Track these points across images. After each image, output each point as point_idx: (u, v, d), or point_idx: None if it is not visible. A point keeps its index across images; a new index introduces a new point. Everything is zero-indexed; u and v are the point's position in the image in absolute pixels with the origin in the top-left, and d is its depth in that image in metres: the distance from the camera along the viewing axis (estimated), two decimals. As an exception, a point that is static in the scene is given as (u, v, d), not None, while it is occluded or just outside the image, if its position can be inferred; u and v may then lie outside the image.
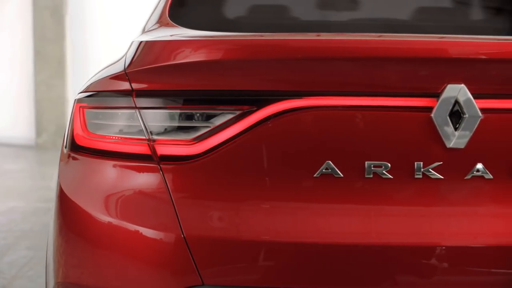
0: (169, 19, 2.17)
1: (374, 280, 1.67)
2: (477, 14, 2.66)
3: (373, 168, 1.67)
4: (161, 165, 1.72)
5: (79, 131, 1.81)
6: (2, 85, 9.98)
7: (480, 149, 1.68)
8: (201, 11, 2.37)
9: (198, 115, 1.71)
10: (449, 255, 1.66)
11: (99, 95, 1.80)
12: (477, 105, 1.65)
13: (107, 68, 1.93)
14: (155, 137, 1.72)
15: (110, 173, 1.78)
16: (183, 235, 1.67)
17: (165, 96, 1.71)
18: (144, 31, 2.20)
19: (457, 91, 1.65)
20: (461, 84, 1.65)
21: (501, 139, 1.69)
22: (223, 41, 1.83)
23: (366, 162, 1.67)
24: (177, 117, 1.72)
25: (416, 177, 1.67)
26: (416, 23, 2.45)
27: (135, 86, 1.73)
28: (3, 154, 8.92)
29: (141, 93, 1.72)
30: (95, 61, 8.99)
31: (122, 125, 1.76)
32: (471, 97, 1.65)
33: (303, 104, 1.66)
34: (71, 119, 1.86)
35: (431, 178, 1.68)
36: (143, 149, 1.73)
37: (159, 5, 2.35)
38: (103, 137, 1.78)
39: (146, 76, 1.74)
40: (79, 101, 1.83)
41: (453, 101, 1.65)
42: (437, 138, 1.66)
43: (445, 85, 1.65)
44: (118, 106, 1.75)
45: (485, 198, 1.70)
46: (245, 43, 1.80)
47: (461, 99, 1.65)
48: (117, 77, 1.77)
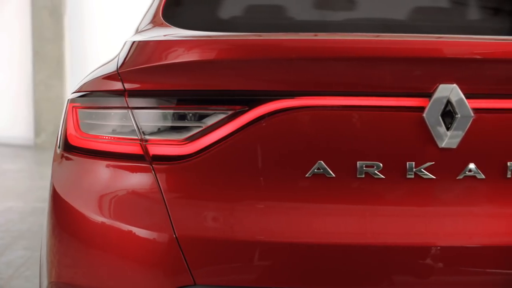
0: (162, 19, 2.17)
1: (364, 280, 1.67)
2: (473, 14, 2.65)
3: (365, 168, 1.67)
4: (153, 165, 1.72)
5: (72, 131, 1.81)
6: (0, 85, 9.99)
7: (472, 149, 1.68)
8: (195, 11, 2.37)
9: (190, 115, 1.71)
10: (442, 255, 1.66)
11: (91, 95, 1.80)
12: (469, 105, 1.65)
13: (100, 68, 1.93)
14: (147, 137, 1.72)
15: (102, 173, 1.78)
16: (175, 235, 1.67)
17: (158, 96, 1.71)
18: (137, 31, 2.20)
19: (449, 91, 1.65)
20: (453, 84, 1.64)
21: (493, 139, 1.69)
22: (215, 41, 1.83)
23: (358, 162, 1.67)
24: (169, 117, 1.72)
25: (408, 177, 1.67)
26: (412, 23, 2.45)
27: (128, 86, 1.73)
28: (1, 154, 8.92)
29: (133, 93, 1.72)
30: (94, 61, 8.98)
31: (114, 125, 1.76)
32: (463, 97, 1.65)
33: (295, 104, 1.66)
34: (64, 119, 1.86)
35: (423, 178, 1.67)
36: (136, 149, 1.73)
37: (153, 5, 2.34)
38: (96, 137, 1.78)
39: (138, 76, 1.74)
40: (72, 101, 1.83)
41: (445, 101, 1.65)
42: (429, 138, 1.66)
43: (437, 85, 1.65)
44: (110, 106, 1.75)
45: (477, 198, 1.70)
46: (237, 43, 1.79)
47: (453, 99, 1.65)
48: (109, 77, 1.77)
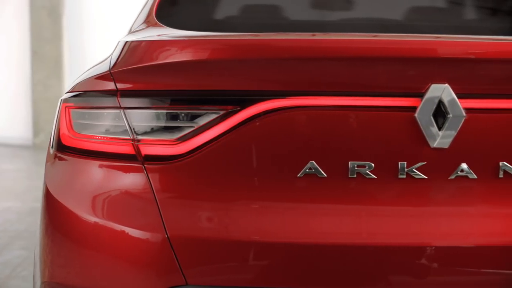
0: (156, 19, 2.17)
1: (355, 279, 1.67)
2: (470, 13, 2.65)
3: (356, 168, 1.67)
4: (145, 165, 1.72)
5: (65, 131, 1.81)
6: (-1, 85, 9.99)
7: (464, 149, 1.67)
8: (189, 11, 2.37)
9: (182, 115, 1.70)
10: (434, 255, 1.66)
11: (84, 95, 1.80)
12: (461, 104, 1.65)
13: (93, 68, 1.94)
14: (139, 137, 1.72)
15: (95, 173, 1.78)
16: (167, 235, 1.67)
17: (150, 96, 1.71)
18: (130, 31, 2.19)
19: (441, 91, 1.64)
20: (445, 84, 1.64)
21: (485, 139, 1.68)
22: (207, 41, 1.83)
23: (350, 162, 1.67)
24: (161, 117, 1.71)
25: (400, 177, 1.67)
26: (409, 23, 2.44)
27: (120, 86, 1.73)
28: (0, 154, 8.92)
29: (125, 93, 1.72)
30: (92, 61, 8.88)
31: (107, 125, 1.76)
32: (455, 97, 1.64)
33: (287, 104, 1.66)
34: (57, 119, 1.86)
35: (415, 178, 1.67)
36: (128, 149, 1.73)
37: (146, 5, 2.34)
38: (89, 137, 1.78)
39: (130, 76, 1.74)
40: (65, 101, 1.83)
41: (437, 101, 1.64)
42: (421, 138, 1.66)
43: (429, 84, 1.64)
44: (103, 106, 1.75)
45: (469, 198, 1.69)
46: (229, 43, 1.79)
47: (445, 99, 1.64)
48: (102, 77, 1.77)
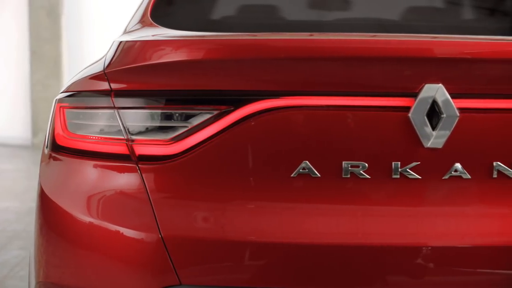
0: (150, 19, 2.17)
1: (348, 279, 1.67)
2: (467, 13, 2.65)
3: (350, 168, 1.67)
4: (139, 165, 1.72)
5: (59, 131, 1.82)
6: (-2, 85, 9.99)
7: (458, 149, 1.67)
8: (183, 11, 2.37)
9: (176, 115, 1.70)
10: (426, 255, 1.66)
11: (79, 95, 1.80)
12: (455, 104, 1.65)
13: (88, 68, 1.94)
14: (133, 137, 1.72)
15: (89, 173, 1.78)
16: (161, 235, 1.67)
17: (144, 96, 1.71)
18: (125, 31, 2.19)
19: (435, 91, 1.64)
20: (439, 83, 1.64)
21: (479, 139, 1.68)
22: (201, 41, 1.83)
23: (343, 162, 1.67)
24: (155, 117, 1.71)
25: (393, 177, 1.67)
26: (405, 23, 2.44)
27: (114, 86, 1.73)
28: (-1, 154, 8.92)
29: (119, 93, 1.72)
30: (91, 61, 8.96)
31: (101, 125, 1.76)
32: (449, 96, 1.64)
33: (280, 104, 1.66)
34: (52, 119, 1.86)
35: (408, 178, 1.67)
36: (122, 149, 1.73)
37: (141, 5, 2.34)
38: (83, 137, 1.78)
39: (124, 76, 1.74)
40: (59, 101, 1.84)
41: (430, 101, 1.64)
42: (415, 138, 1.66)
43: (423, 84, 1.64)
44: (97, 106, 1.76)
45: (463, 198, 1.69)
46: (223, 43, 1.79)
47: (439, 99, 1.64)
48: (96, 77, 1.77)
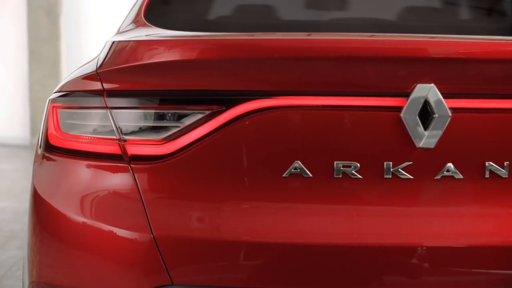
0: (144, 19, 2.17)
1: (339, 279, 1.67)
2: (464, 13, 2.65)
3: (342, 168, 1.67)
4: (131, 165, 1.72)
5: (52, 131, 1.82)
6: (-3, 85, 9.98)
7: (450, 149, 1.67)
8: (177, 12, 2.37)
9: (168, 115, 1.71)
10: (418, 255, 1.66)
11: (71, 95, 1.80)
12: (447, 104, 1.65)
13: (81, 68, 1.94)
14: (125, 137, 1.72)
15: (82, 173, 1.78)
16: (153, 235, 1.67)
17: (136, 96, 1.71)
18: (119, 32, 2.20)
19: (427, 91, 1.64)
20: (431, 83, 1.64)
21: (471, 139, 1.68)
22: (193, 41, 1.83)
23: (335, 162, 1.67)
24: (147, 117, 1.71)
25: (385, 177, 1.67)
26: (401, 23, 2.44)
27: (106, 86, 1.73)
28: (-2, 154, 8.92)
29: (112, 93, 1.73)
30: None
31: (94, 125, 1.76)
32: (441, 96, 1.64)
33: (272, 103, 1.66)
34: (45, 119, 1.86)
35: (400, 178, 1.67)
36: (114, 149, 1.73)
37: (135, 6, 2.34)
38: (76, 137, 1.78)
39: (117, 76, 1.74)
40: (52, 101, 1.84)
41: (422, 101, 1.64)
42: (406, 138, 1.66)
43: (415, 84, 1.64)
44: (89, 106, 1.76)
45: (455, 198, 1.69)
46: (215, 43, 1.79)
47: (431, 99, 1.64)
48: (89, 77, 1.78)
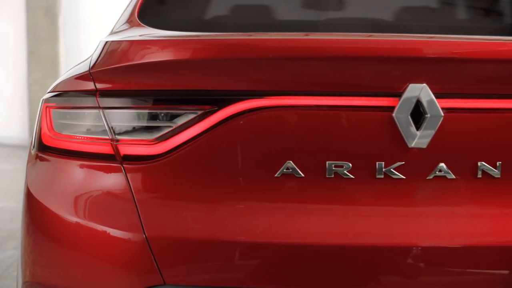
0: (138, 19, 2.17)
1: (331, 279, 1.67)
2: (459, 13, 2.65)
3: (334, 168, 1.67)
4: (124, 165, 1.72)
5: (46, 130, 1.82)
6: (-4, 85, 9.99)
7: (442, 149, 1.67)
8: (171, 12, 2.37)
9: (161, 115, 1.71)
10: (410, 255, 1.66)
11: (64, 95, 1.80)
12: (440, 104, 1.65)
13: (74, 68, 1.94)
14: (118, 137, 1.73)
15: (75, 173, 1.78)
16: (145, 235, 1.67)
17: (128, 96, 1.71)
18: (112, 32, 2.20)
19: (419, 91, 1.64)
20: (423, 83, 1.64)
21: (463, 139, 1.68)
22: (185, 41, 1.83)
23: (327, 162, 1.67)
24: (139, 117, 1.72)
25: (377, 177, 1.67)
26: (398, 23, 2.44)
27: (99, 86, 1.73)
28: (-3, 154, 8.92)
29: (104, 93, 1.73)
30: (85, 61, 8.95)
31: (86, 125, 1.76)
32: (433, 96, 1.64)
33: (264, 103, 1.66)
34: (39, 119, 1.86)
35: (393, 178, 1.67)
36: (107, 149, 1.73)
37: (129, 6, 2.34)
38: (69, 137, 1.78)
39: (109, 76, 1.74)
40: (46, 101, 1.84)
41: (414, 101, 1.64)
42: (399, 138, 1.66)
43: (407, 84, 1.64)
44: (82, 106, 1.76)
45: (448, 198, 1.69)
46: (208, 43, 1.80)
47: (423, 99, 1.64)
48: (81, 77, 1.78)
